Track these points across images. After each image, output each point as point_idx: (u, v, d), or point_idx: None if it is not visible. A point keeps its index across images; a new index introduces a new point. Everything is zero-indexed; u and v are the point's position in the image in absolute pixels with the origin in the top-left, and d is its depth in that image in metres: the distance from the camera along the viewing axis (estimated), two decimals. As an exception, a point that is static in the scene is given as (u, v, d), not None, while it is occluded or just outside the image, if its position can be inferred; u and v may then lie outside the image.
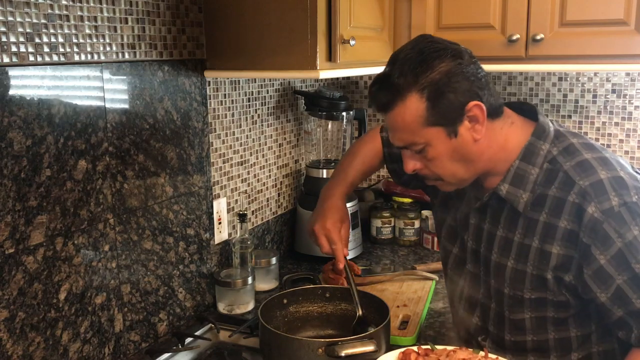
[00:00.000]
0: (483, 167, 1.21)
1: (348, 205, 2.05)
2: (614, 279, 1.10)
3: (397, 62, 1.15)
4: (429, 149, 1.16)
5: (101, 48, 1.31)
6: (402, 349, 1.26)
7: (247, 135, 1.87)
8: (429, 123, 1.13)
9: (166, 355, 1.46)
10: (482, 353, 1.21)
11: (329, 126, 2.15)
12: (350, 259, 1.96)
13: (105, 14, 1.31)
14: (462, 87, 1.13)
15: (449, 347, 1.25)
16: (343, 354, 1.21)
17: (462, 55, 1.14)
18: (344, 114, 2.10)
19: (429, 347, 1.26)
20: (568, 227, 1.13)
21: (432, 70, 1.12)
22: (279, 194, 2.10)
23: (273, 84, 1.99)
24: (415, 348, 1.25)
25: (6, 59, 1.11)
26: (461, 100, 1.13)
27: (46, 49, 1.18)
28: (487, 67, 1.23)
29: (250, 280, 1.68)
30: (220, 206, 1.75)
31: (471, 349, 1.23)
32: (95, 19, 1.28)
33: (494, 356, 1.20)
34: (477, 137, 1.16)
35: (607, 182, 1.11)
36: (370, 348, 1.24)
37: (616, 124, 2.11)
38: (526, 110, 1.25)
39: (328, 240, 1.43)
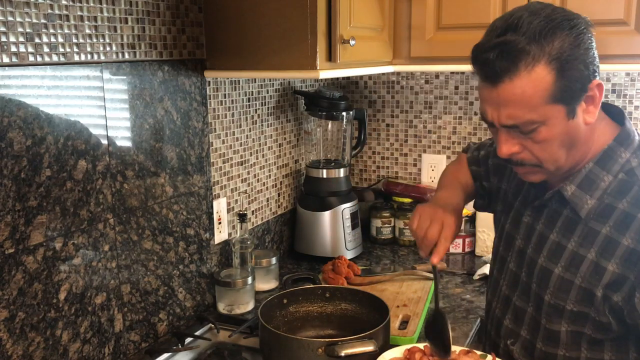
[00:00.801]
0: (577, 158, 1.10)
1: (348, 205, 2.07)
2: None
3: (520, 27, 0.99)
4: (542, 129, 1.03)
5: (101, 48, 1.31)
6: (408, 346, 1.25)
7: (247, 135, 1.87)
8: (553, 99, 1.01)
9: (166, 355, 1.46)
10: (489, 357, 1.20)
11: (329, 126, 2.15)
12: (350, 259, 1.96)
13: (105, 14, 1.31)
14: (589, 62, 1.02)
15: (457, 349, 1.23)
16: (343, 354, 1.21)
17: (589, 25, 1.03)
18: (344, 114, 2.10)
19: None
20: (631, 245, 1.04)
21: (563, 40, 0.99)
22: (279, 194, 2.10)
23: (273, 84, 1.99)
24: (421, 346, 1.24)
25: (6, 59, 1.11)
26: (587, 77, 1.02)
27: (46, 49, 1.18)
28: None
29: (250, 280, 1.68)
30: (220, 206, 1.75)
31: (479, 353, 1.21)
32: (95, 19, 1.28)
33: None
34: (589, 121, 1.05)
35: None
36: (369, 348, 1.24)
37: (616, 124, 2.11)
38: (613, 113, 1.15)
39: (441, 228, 1.24)
